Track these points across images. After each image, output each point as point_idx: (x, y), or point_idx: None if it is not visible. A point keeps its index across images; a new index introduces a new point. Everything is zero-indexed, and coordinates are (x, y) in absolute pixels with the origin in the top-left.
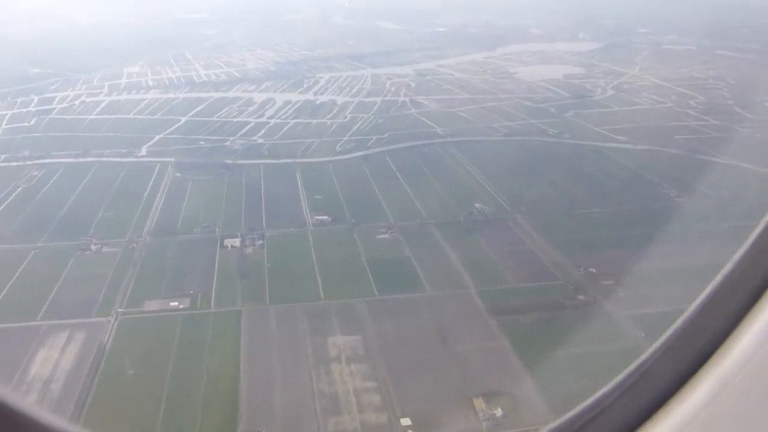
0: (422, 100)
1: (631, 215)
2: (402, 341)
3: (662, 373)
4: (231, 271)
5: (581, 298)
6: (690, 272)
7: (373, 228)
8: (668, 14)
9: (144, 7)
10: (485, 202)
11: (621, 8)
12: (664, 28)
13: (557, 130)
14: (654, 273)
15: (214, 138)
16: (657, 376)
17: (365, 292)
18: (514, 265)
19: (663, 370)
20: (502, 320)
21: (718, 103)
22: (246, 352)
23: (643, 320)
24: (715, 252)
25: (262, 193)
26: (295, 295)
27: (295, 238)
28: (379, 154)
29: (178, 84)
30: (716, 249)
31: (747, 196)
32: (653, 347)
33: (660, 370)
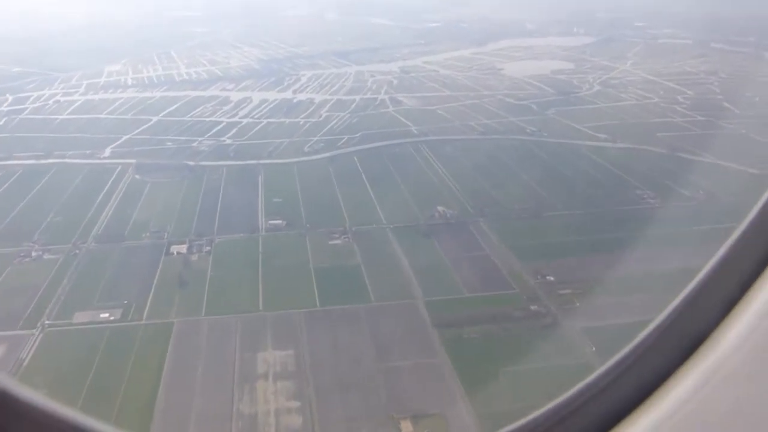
0: (402, 97)
1: (601, 219)
2: (336, 357)
3: (648, 364)
4: (171, 280)
5: (533, 308)
6: (653, 281)
7: (326, 233)
8: (668, 7)
9: (138, 6)
10: (449, 205)
11: (620, 2)
12: (662, 22)
13: (536, 128)
14: (615, 282)
15: (182, 138)
16: (642, 368)
17: (306, 303)
18: (468, 272)
19: (648, 362)
20: (445, 333)
21: (706, 99)
22: (169, 369)
23: (596, 334)
24: (683, 259)
25: (220, 196)
26: (233, 307)
27: (245, 244)
28: (347, 155)
29: (157, 83)
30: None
31: (724, 197)
32: (639, 338)
33: (645, 361)
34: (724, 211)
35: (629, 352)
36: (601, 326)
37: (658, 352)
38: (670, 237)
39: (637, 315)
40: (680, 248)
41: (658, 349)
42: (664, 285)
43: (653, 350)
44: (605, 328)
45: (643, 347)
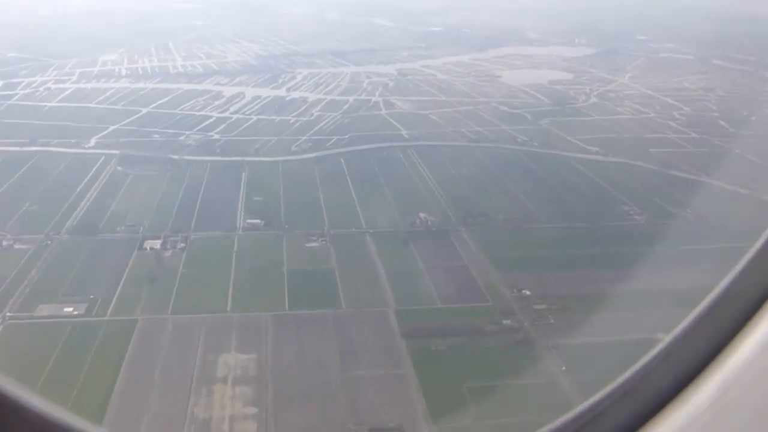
0: (396, 100)
1: (584, 233)
2: (299, 363)
3: (661, 378)
4: (141, 276)
5: (506, 323)
6: (630, 300)
7: (304, 235)
8: (672, 22)
9: None
10: (431, 212)
11: (625, 15)
12: (665, 36)
13: (527, 137)
14: (592, 298)
15: (169, 131)
16: (655, 381)
17: (275, 306)
18: (443, 282)
19: (662, 375)
20: (413, 344)
21: (702, 116)
22: (127, 369)
23: (567, 351)
24: (662, 279)
25: (201, 192)
26: (201, 306)
27: (221, 242)
28: (334, 156)
29: (151, 74)
30: (664, 276)
31: (712, 217)
32: (653, 351)
33: (659, 374)
34: (709, 232)
35: (640, 368)
36: (574, 344)
37: (667, 368)
38: (652, 255)
39: (611, 334)
40: (661, 268)
41: (668, 365)
42: (640, 304)
43: (663, 366)
44: (577, 346)
45: (652, 364)
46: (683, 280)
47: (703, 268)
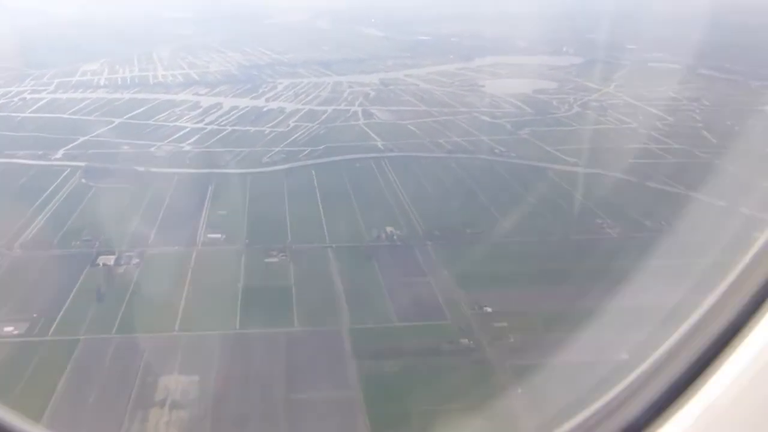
0: (375, 110)
1: (554, 247)
2: (242, 385)
3: (666, 376)
4: (89, 294)
5: (464, 342)
6: (595, 317)
7: (265, 250)
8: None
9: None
10: (399, 226)
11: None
12: (655, 46)
13: (505, 148)
14: (555, 316)
15: (140, 143)
16: (661, 380)
17: (225, 325)
18: (402, 299)
19: (667, 374)
20: (364, 365)
21: (685, 126)
22: (62, 390)
23: (525, 372)
24: (631, 296)
25: (164, 205)
26: (147, 325)
27: (177, 258)
28: (305, 168)
29: (130, 84)
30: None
31: (687, 231)
32: (657, 352)
33: (664, 373)
34: (682, 246)
35: (644, 371)
36: (532, 365)
37: (672, 368)
38: (622, 271)
39: (572, 354)
40: (629, 284)
41: (672, 364)
42: (605, 322)
43: (667, 365)
44: (535, 367)
45: (656, 365)
46: (651, 297)
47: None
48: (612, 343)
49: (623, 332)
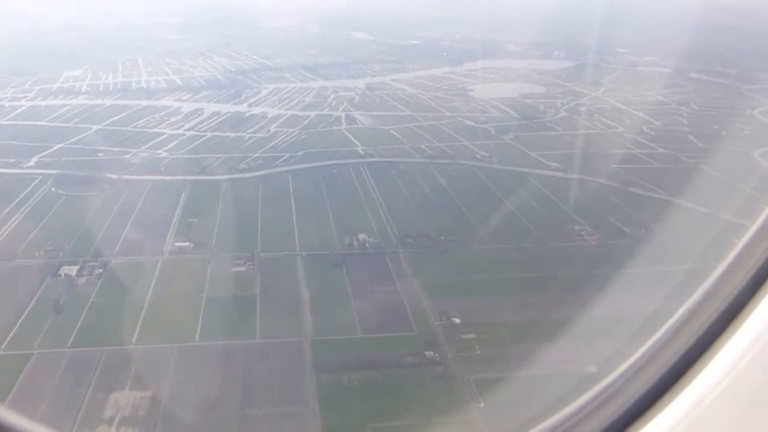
0: (359, 115)
1: (529, 255)
2: (195, 401)
3: (651, 374)
4: (47, 306)
5: (428, 354)
6: (566, 328)
7: (232, 259)
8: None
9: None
10: (372, 233)
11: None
12: (646, 49)
13: (487, 153)
14: (525, 326)
15: (116, 150)
16: (646, 377)
17: (185, 337)
18: (369, 310)
19: (652, 372)
20: (324, 378)
21: (672, 130)
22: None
23: (489, 387)
24: (604, 305)
25: (135, 213)
26: (104, 338)
27: (142, 267)
28: (282, 174)
29: (112, 90)
30: (607, 301)
31: (667, 237)
32: (642, 348)
33: (649, 371)
34: (661, 253)
35: (631, 365)
36: (497, 378)
37: (657, 365)
38: (597, 280)
39: (540, 367)
40: (603, 293)
41: (658, 361)
42: (576, 334)
43: (653, 363)
44: (501, 381)
45: (642, 361)
46: (625, 307)
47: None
48: (580, 355)
49: (593, 344)
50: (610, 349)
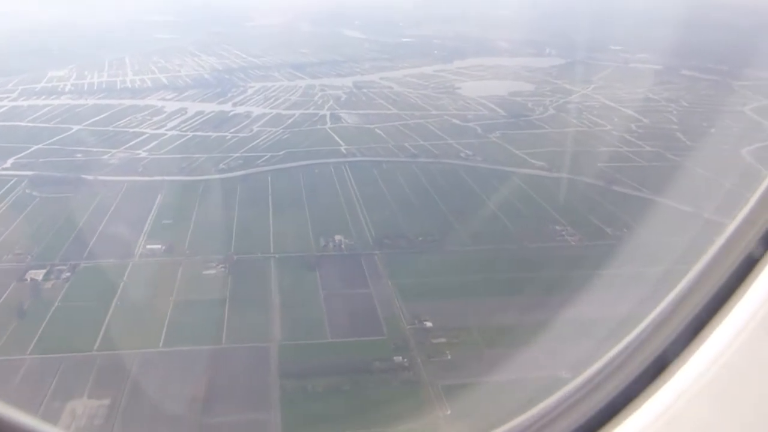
0: (344, 114)
1: (508, 256)
2: (154, 409)
3: (635, 365)
4: (10, 311)
5: (397, 359)
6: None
7: (204, 261)
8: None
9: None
10: (349, 234)
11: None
12: (639, 46)
13: (472, 152)
14: (499, 330)
15: (95, 150)
16: (627, 372)
17: (149, 343)
18: (340, 313)
19: (636, 363)
20: (288, 385)
21: (661, 128)
22: None
23: (457, 393)
24: (581, 308)
25: (108, 215)
26: (65, 345)
27: (111, 271)
28: (262, 174)
29: (96, 90)
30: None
31: (649, 237)
32: (627, 338)
33: (633, 362)
34: (642, 254)
35: (611, 359)
36: (466, 384)
37: (626, 371)
38: (575, 281)
39: (511, 372)
40: (581, 296)
41: (627, 367)
42: (550, 337)
43: (634, 357)
44: (469, 387)
45: (623, 356)
46: (601, 309)
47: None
48: (552, 359)
49: (566, 348)
50: (582, 353)
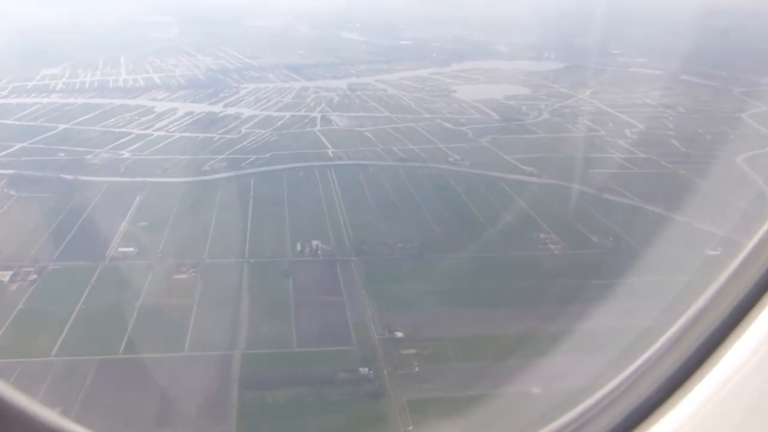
0: (336, 116)
1: (488, 265)
2: (105, 420)
3: (652, 381)
4: None
5: (362, 371)
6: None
7: (176, 266)
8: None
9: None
10: (327, 240)
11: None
12: (640, 51)
13: (461, 156)
14: (472, 341)
15: (78, 150)
16: (647, 384)
17: (109, 349)
18: (309, 322)
19: (653, 378)
20: (247, 396)
21: (656, 134)
22: None
23: (421, 408)
24: (558, 320)
25: (83, 216)
26: (23, 350)
27: (79, 274)
28: (245, 177)
29: (88, 89)
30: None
31: (635, 247)
32: (644, 355)
33: (650, 378)
34: (626, 264)
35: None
36: (431, 399)
37: (666, 365)
38: (555, 292)
39: (481, 387)
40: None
41: (666, 361)
42: (523, 349)
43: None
44: (435, 402)
45: (649, 363)
46: (578, 322)
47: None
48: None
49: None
50: (558, 368)
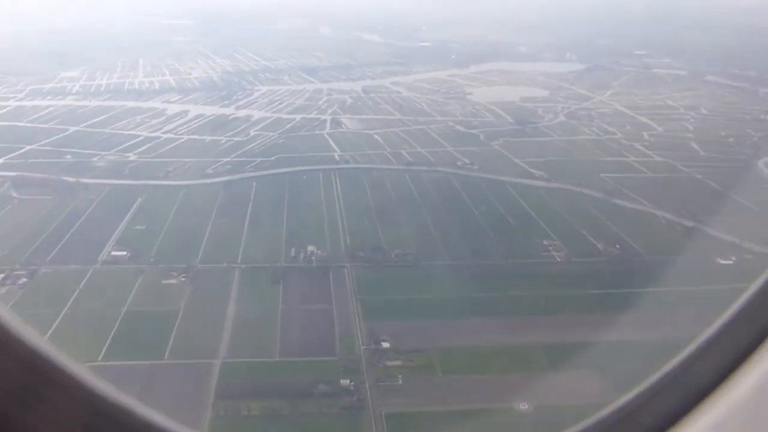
0: (346, 119)
1: (487, 273)
2: None
3: (685, 382)
4: None
5: (343, 383)
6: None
7: (167, 270)
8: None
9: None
10: (322, 245)
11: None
12: (665, 51)
13: (470, 160)
14: (460, 353)
15: (86, 152)
16: (680, 385)
17: (89, 355)
18: (294, 331)
19: (687, 379)
20: (222, 407)
21: (675, 137)
22: None
23: (400, 423)
24: (557, 333)
25: (81, 219)
26: None
27: (70, 277)
28: (247, 180)
29: (104, 91)
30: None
31: (642, 255)
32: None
33: (684, 379)
34: (630, 273)
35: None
36: (411, 414)
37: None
38: (553, 303)
39: (462, 401)
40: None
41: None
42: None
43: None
44: (414, 416)
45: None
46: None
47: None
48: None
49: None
50: (546, 382)
